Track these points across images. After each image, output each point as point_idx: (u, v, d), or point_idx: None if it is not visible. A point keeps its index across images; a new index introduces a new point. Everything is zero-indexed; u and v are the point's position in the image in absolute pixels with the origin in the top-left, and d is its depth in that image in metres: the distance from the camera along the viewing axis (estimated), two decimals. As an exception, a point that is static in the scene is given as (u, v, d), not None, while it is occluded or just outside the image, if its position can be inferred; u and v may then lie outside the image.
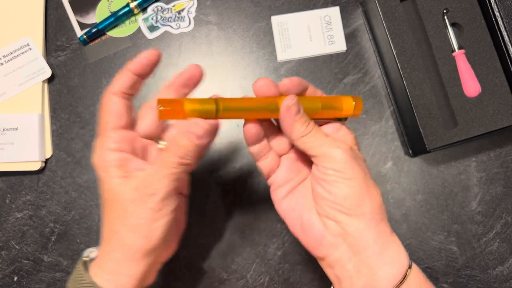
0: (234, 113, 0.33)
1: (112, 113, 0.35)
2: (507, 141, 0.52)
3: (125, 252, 0.34)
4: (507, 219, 0.51)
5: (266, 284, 0.51)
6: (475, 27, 0.49)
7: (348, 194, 0.33)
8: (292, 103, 0.33)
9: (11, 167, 0.51)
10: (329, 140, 0.34)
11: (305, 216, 0.36)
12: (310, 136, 0.34)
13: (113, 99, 0.35)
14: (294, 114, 0.33)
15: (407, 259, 0.34)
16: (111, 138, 0.34)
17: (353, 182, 0.33)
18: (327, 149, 0.33)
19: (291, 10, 0.54)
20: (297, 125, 0.34)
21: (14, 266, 0.51)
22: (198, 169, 0.52)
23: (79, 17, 0.54)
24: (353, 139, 0.37)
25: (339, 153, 0.33)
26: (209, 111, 0.32)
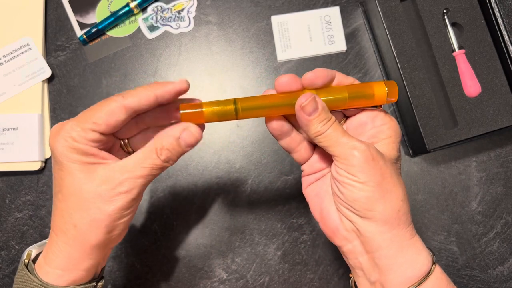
0: (253, 112, 0.33)
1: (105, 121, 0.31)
2: (507, 141, 0.52)
3: (82, 246, 0.32)
4: (507, 219, 0.51)
5: (266, 284, 0.51)
6: (475, 27, 0.49)
7: (358, 198, 0.32)
8: (307, 102, 0.32)
9: (11, 167, 0.51)
10: (346, 139, 0.32)
11: (325, 204, 0.35)
12: (325, 135, 0.32)
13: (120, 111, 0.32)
14: (308, 113, 0.32)
15: (427, 263, 0.33)
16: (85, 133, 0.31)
17: (366, 186, 0.31)
18: (342, 149, 0.32)
19: (291, 10, 0.54)
20: (312, 124, 0.32)
21: (14, 266, 0.51)
22: (198, 169, 0.52)
23: (79, 17, 0.54)
24: (389, 128, 0.34)
25: (354, 156, 0.31)
26: (228, 112, 0.32)
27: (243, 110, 0.33)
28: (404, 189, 0.33)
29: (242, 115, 0.33)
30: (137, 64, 0.53)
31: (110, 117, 0.31)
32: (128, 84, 0.53)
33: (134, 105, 0.32)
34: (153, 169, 0.32)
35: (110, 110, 0.31)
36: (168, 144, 0.32)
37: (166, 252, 0.51)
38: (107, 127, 0.31)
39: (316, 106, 0.32)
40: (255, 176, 0.52)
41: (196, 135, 0.32)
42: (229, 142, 0.52)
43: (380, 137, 0.34)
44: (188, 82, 0.34)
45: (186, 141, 0.32)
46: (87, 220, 0.32)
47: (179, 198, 0.52)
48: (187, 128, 0.32)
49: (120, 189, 0.31)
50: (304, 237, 0.51)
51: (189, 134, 0.32)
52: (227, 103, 0.33)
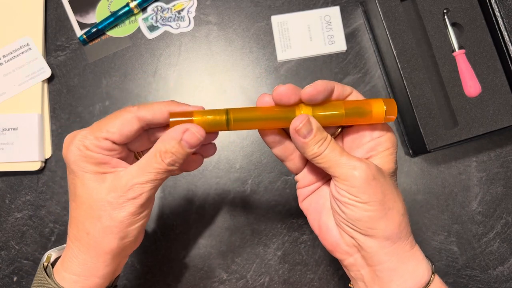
0: (246, 124, 0.32)
1: (119, 130, 0.32)
2: (507, 141, 0.52)
3: (97, 254, 0.33)
4: (508, 219, 0.51)
5: (266, 284, 0.51)
6: (475, 27, 0.49)
7: (361, 218, 0.32)
8: (301, 125, 0.31)
9: (11, 167, 0.51)
10: (345, 159, 0.31)
11: (323, 219, 0.35)
12: (323, 156, 0.32)
13: (133, 121, 0.32)
14: (303, 136, 0.31)
15: (427, 273, 0.33)
16: (98, 142, 0.32)
17: (368, 206, 0.31)
18: (342, 170, 0.31)
19: (291, 10, 0.54)
20: (308, 146, 0.32)
21: (14, 266, 0.51)
22: (198, 169, 0.52)
23: (79, 17, 0.54)
24: (387, 140, 0.34)
25: (355, 177, 0.31)
26: (219, 123, 0.32)
27: (235, 121, 0.32)
28: (403, 202, 0.33)
29: (234, 127, 0.32)
30: (137, 64, 0.53)
31: (123, 127, 0.32)
32: (128, 84, 0.53)
33: (148, 118, 0.32)
34: (158, 173, 0.32)
35: (125, 120, 0.32)
36: (170, 147, 0.31)
37: (166, 252, 0.51)
38: (121, 136, 0.32)
39: (311, 128, 0.31)
40: (255, 176, 0.52)
41: (198, 135, 0.32)
42: (229, 142, 0.52)
43: (378, 150, 0.34)
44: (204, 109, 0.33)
45: (188, 143, 0.32)
46: (99, 228, 0.32)
47: (179, 198, 0.52)
48: (189, 129, 0.32)
49: (129, 195, 0.32)
50: (304, 237, 0.51)
51: (191, 135, 0.32)
52: (219, 113, 0.32)
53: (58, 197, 0.52)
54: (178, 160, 0.32)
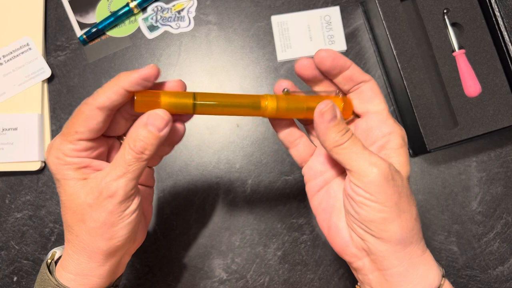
0: (212, 109, 0.32)
1: (85, 126, 0.31)
2: (508, 141, 0.52)
3: (88, 255, 0.33)
4: (508, 219, 0.51)
5: (266, 284, 0.51)
6: (475, 27, 0.49)
7: (375, 219, 0.31)
8: (327, 108, 0.31)
9: (11, 167, 0.51)
10: (366, 155, 0.31)
11: (333, 219, 0.34)
12: (344, 147, 0.31)
13: (95, 112, 0.31)
14: (328, 120, 0.31)
15: (437, 279, 0.33)
16: (73, 145, 0.31)
17: (383, 206, 0.30)
18: (361, 165, 0.30)
19: (291, 10, 0.54)
20: (332, 132, 0.31)
21: (14, 266, 0.51)
22: (198, 169, 0.52)
23: (78, 17, 0.54)
24: (398, 137, 0.33)
25: (374, 174, 0.30)
26: (186, 105, 0.31)
27: (201, 106, 0.31)
28: (416, 207, 0.33)
29: (200, 111, 0.32)
30: (137, 64, 0.53)
31: (88, 122, 0.31)
32: (128, 84, 0.53)
33: (107, 103, 0.31)
34: (129, 165, 0.31)
35: (85, 115, 0.31)
36: (137, 134, 0.31)
37: (166, 252, 0.51)
38: (90, 132, 0.31)
39: (335, 114, 0.31)
40: (255, 176, 0.52)
41: (164, 116, 0.31)
42: (229, 142, 0.52)
43: (389, 148, 0.33)
44: (157, 67, 0.31)
45: (154, 125, 0.31)
46: (85, 231, 0.32)
47: (179, 198, 0.52)
48: (153, 112, 0.31)
49: (104, 194, 0.31)
50: (304, 237, 0.51)
51: (155, 116, 0.31)
52: (186, 96, 0.31)
53: (58, 197, 0.51)
54: (147, 146, 0.31)
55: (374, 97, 0.34)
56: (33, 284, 0.51)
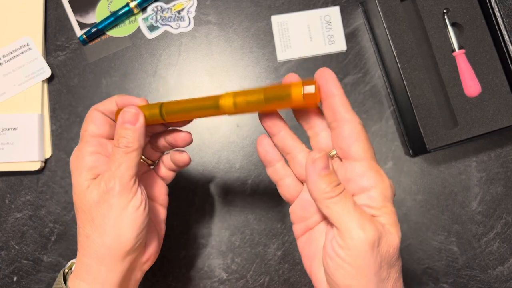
0: (178, 115, 0.35)
1: (92, 123, 0.36)
2: (507, 141, 0.52)
3: (97, 256, 0.33)
4: (508, 219, 0.51)
5: (266, 284, 0.51)
6: (475, 27, 0.49)
7: (350, 285, 0.28)
8: (319, 156, 0.29)
9: (11, 167, 0.51)
10: (357, 214, 0.28)
11: (314, 267, 0.33)
12: (335, 201, 0.29)
13: (95, 113, 0.37)
14: (320, 168, 0.29)
15: None
16: (88, 142, 0.36)
17: (360, 275, 0.28)
18: (349, 225, 0.28)
19: (291, 10, 0.54)
20: (322, 183, 0.29)
21: (14, 266, 0.51)
22: (198, 169, 0.52)
23: (78, 17, 0.54)
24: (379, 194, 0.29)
25: (360, 238, 0.28)
26: (155, 115, 0.35)
27: (167, 113, 0.35)
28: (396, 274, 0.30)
29: (168, 118, 0.35)
30: (137, 64, 0.53)
31: (93, 120, 0.36)
32: (128, 84, 0.53)
33: (102, 109, 0.37)
34: (120, 159, 0.34)
35: (90, 117, 0.37)
36: (119, 134, 0.34)
37: (166, 252, 0.51)
38: (97, 127, 0.36)
39: (327, 164, 0.29)
40: (255, 176, 0.52)
41: (133, 110, 0.35)
42: (229, 142, 0.52)
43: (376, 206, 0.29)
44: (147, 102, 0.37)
45: (128, 121, 0.34)
46: (94, 230, 0.34)
47: (179, 198, 0.51)
48: (123, 111, 0.35)
49: (105, 188, 0.33)
50: (304, 237, 0.51)
51: (127, 114, 0.35)
52: (154, 107, 0.35)
53: (58, 197, 0.52)
54: (129, 140, 0.34)
55: (353, 142, 0.30)
56: (33, 284, 0.51)
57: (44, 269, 0.51)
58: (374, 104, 0.53)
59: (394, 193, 0.30)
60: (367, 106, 0.52)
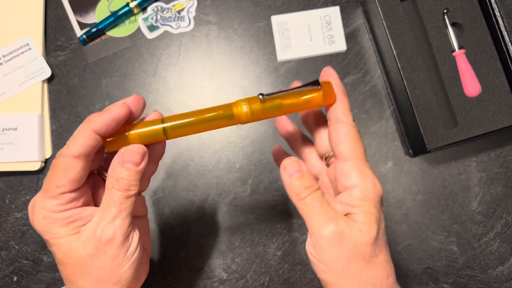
0: (185, 129, 0.31)
1: (66, 178, 0.30)
2: (508, 141, 0.52)
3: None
4: (508, 219, 0.51)
5: (266, 284, 0.51)
6: (475, 27, 0.49)
7: (323, 279, 0.31)
8: (289, 162, 0.31)
9: (11, 167, 0.51)
10: (323, 212, 0.30)
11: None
12: (305, 202, 0.30)
13: (72, 162, 0.30)
14: (290, 174, 0.30)
15: None
16: (57, 200, 0.31)
17: (328, 269, 0.30)
18: (315, 223, 0.30)
19: (291, 10, 0.54)
20: (293, 187, 0.30)
21: (14, 266, 0.51)
22: (198, 169, 0.52)
23: (78, 16, 0.54)
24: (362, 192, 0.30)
25: (322, 234, 0.29)
26: (156, 133, 0.30)
27: (171, 129, 0.30)
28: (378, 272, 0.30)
29: (172, 134, 0.31)
30: (137, 64, 0.53)
31: (68, 174, 0.30)
32: (128, 84, 0.53)
33: (81, 151, 0.30)
34: (120, 204, 0.30)
35: (63, 167, 0.30)
36: (118, 174, 0.30)
37: (166, 252, 0.51)
38: (72, 183, 0.31)
39: (298, 168, 0.30)
40: (255, 176, 0.52)
41: (137, 150, 0.30)
42: (229, 142, 0.52)
43: (354, 204, 0.30)
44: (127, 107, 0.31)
45: (131, 162, 0.30)
46: (91, 281, 0.31)
47: (179, 198, 0.52)
48: (127, 149, 0.31)
49: (104, 240, 0.30)
50: (304, 237, 0.51)
51: (130, 153, 0.30)
52: (154, 123, 0.30)
53: (58, 197, 0.52)
54: (131, 182, 0.30)
55: (340, 142, 0.31)
56: (33, 284, 0.51)
57: (44, 269, 0.51)
58: (374, 104, 0.53)
59: (380, 194, 0.31)
60: (367, 106, 0.52)
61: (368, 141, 0.52)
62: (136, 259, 0.32)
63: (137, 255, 0.32)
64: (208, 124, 0.31)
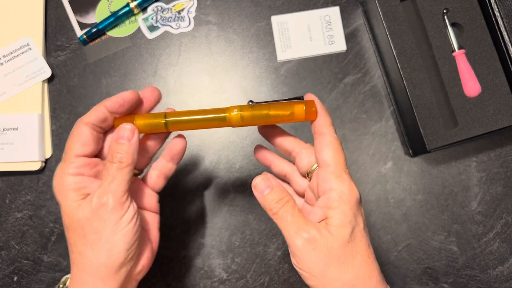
0: (183, 125, 0.36)
1: (78, 141, 0.35)
2: (507, 141, 0.52)
3: (92, 271, 0.34)
4: (507, 219, 0.51)
5: (266, 284, 0.51)
6: (475, 27, 0.49)
7: (310, 285, 0.33)
8: (257, 180, 0.35)
9: (11, 167, 0.51)
10: (294, 223, 0.33)
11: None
12: (277, 216, 0.34)
13: (83, 128, 0.35)
14: (260, 191, 0.34)
15: None
16: (72, 163, 0.35)
17: (309, 275, 0.32)
18: (289, 233, 0.33)
19: (291, 10, 0.54)
20: (266, 203, 0.34)
21: (14, 266, 0.51)
22: (198, 169, 0.52)
23: (79, 17, 0.54)
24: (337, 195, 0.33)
25: (296, 243, 0.32)
26: (158, 125, 0.36)
27: (172, 123, 0.36)
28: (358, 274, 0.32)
29: (172, 128, 0.36)
30: (137, 64, 0.53)
31: (79, 138, 0.35)
32: (128, 84, 0.53)
33: (91, 119, 0.35)
34: (113, 175, 0.34)
35: (76, 133, 0.35)
36: (113, 149, 0.35)
37: (166, 252, 0.51)
38: (83, 147, 0.35)
39: (268, 185, 0.34)
40: (255, 176, 0.51)
41: (128, 127, 0.35)
42: (229, 142, 0.52)
43: (330, 206, 0.33)
44: (136, 93, 0.36)
45: (123, 137, 0.35)
46: (87, 246, 0.34)
47: (179, 198, 0.52)
48: (120, 127, 0.35)
49: (98, 204, 0.33)
50: (304, 237, 0.51)
51: (122, 130, 0.35)
52: (158, 117, 0.36)
53: (58, 197, 0.52)
54: (124, 155, 0.34)
55: (322, 150, 0.34)
56: (33, 284, 0.51)
57: (45, 269, 0.51)
58: (374, 104, 0.53)
59: (356, 197, 0.33)
60: (367, 106, 0.53)
61: (368, 141, 0.52)
62: (129, 231, 0.34)
63: (131, 228, 0.34)
64: (203, 123, 0.36)
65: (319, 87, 0.53)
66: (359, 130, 0.52)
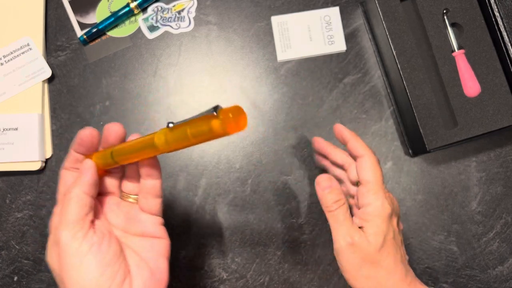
0: (125, 158, 0.35)
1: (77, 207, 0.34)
2: (507, 141, 0.52)
3: None
4: (507, 219, 0.51)
5: (266, 284, 0.51)
6: (475, 27, 0.49)
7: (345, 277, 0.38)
8: (322, 179, 0.39)
9: (11, 167, 0.51)
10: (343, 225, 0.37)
11: None
12: (331, 215, 0.38)
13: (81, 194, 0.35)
14: (322, 188, 0.39)
15: None
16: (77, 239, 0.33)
17: (346, 270, 0.38)
18: (336, 233, 0.38)
19: (291, 10, 0.54)
20: (324, 199, 0.38)
21: (14, 266, 0.51)
22: (198, 169, 0.52)
23: (79, 17, 0.54)
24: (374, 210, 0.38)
25: (340, 245, 0.37)
26: (108, 163, 0.36)
27: (116, 156, 0.35)
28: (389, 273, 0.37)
29: (119, 161, 0.35)
30: (137, 64, 0.53)
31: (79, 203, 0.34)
32: (128, 84, 0.53)
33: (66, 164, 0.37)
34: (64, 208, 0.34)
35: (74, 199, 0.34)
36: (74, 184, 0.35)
37: (166, 252, 0.51)
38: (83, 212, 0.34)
39: (330, 185, 0.39)
40: (255, 176, 0.52)
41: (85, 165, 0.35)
42: (229, 142, 0.52)
43: (367, 219, 0.38)
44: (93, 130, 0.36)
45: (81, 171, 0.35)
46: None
47: (179, 198, 0.52)
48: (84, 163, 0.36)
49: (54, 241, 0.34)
50: (304, 237, 0.51)
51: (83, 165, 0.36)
52: (107, 156, 0.35)
53: (59, 197, 0.52)
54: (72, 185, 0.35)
55: (362, 170, 0.39)
56: (34, 283, 0.51)
57: (45, 269, 0.51)
58: (374, 104, 0.53)
59: (388, 212, 0.38)
60: (367, 106, 0.53)
61: (368, 141, 0.52)
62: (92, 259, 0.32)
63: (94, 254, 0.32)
64: (142, 153, 0.34)
65: (319, 87, 0.53)
66: (359, 130, 0.52)
